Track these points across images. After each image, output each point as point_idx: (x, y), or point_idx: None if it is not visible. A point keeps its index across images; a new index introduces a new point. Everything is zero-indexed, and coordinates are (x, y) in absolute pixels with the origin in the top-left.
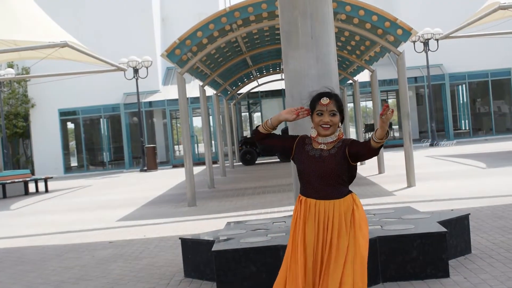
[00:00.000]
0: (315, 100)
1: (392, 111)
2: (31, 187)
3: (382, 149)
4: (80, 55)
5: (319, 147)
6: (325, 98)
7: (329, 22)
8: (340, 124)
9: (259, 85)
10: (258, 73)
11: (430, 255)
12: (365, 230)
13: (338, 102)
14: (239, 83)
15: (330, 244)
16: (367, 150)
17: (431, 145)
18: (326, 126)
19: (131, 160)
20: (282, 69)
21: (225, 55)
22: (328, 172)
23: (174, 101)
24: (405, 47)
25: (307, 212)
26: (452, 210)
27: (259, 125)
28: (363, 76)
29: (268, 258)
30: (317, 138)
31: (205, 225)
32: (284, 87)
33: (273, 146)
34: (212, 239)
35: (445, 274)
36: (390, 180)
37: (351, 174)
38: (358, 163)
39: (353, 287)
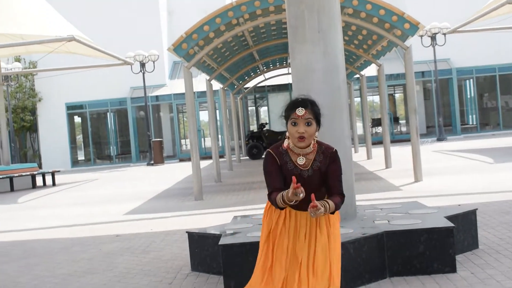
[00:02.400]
0: (290, 108)
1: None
2: (39, 180)
3: (389, 143)
4: (87, 49)
5: (297, 161)
6: (300, 108)
7: (336, 16)
8: (316, 133)
9: (266, 79)
10: (265, 67)
11: (437, 250)
12: (338, 226)
13: (314, 111)
14: (246, 77)
15: (313, 243)
16: (327, 186)
17: (438, 139)
18: (302, 137)
19: (138, 154)
20: (289, 63)
21: (232, 49)
22: (312, 189)
23: (181, 95)
24: (412, 41)
25: (287, 220)
26: (459, 205)
27: (276, 199)
28: (370, 71)
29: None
30: (293, 148)
31: (211, 219)
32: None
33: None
34: (218, 233)
35: (452, 269)
36: (397, 175)
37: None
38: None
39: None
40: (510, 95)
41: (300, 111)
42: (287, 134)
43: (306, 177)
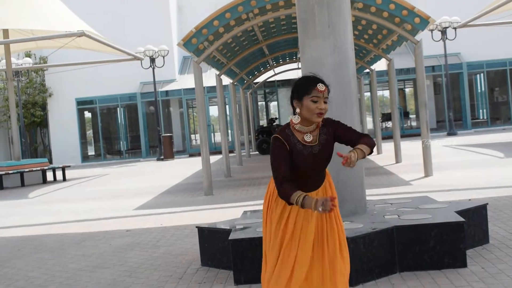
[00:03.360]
0: (310, 85)
1: (352, 162)
2: (49, 175)
3: (399, 138)
4: (97, 44)
5: (305, 138)
6: (321, 84)
7: (346, 10)
8: None
9: (275, 74)
10: (274, 62)
11: (447, 244)
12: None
13: (329, 91)
14: (256, 72)
15: (330, 230)
16: (350, 142)
17: (449, 134)
18: (321, 113)
19: (148, 149)
20: (299, 58)
21: (242, 44)
22: (323, 165)
23: (191, 90)
24: (423, 35)
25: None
26: (469, 199)
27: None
28: (380, 65)
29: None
30: (297, 126)
31: (221, 214)
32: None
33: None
34: (228, 227)
35: (463, 264)
36: (407, 169)
37: None
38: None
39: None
40: None
41: (321, 87)
42: (297, 110)
43: (316, 152)
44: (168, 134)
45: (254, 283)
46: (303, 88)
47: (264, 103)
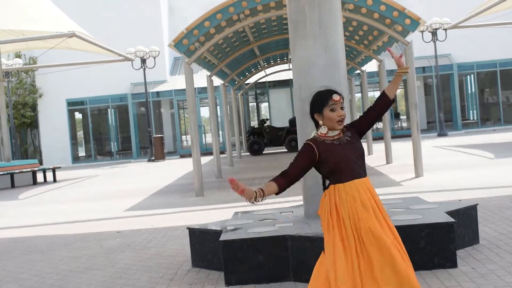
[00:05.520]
0: (327, 96)
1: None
2: (39, 177)
3: (390, 139)
4: (87, 45)
5: (334, 137)
6: (336, 94)
7: (337, 11)
8: None
9: (266, 75)
10: (265, 63)
11: (438, 245)
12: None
13: (343, 98)
14: (247, 73)
15: (385, 224)
16: (382, 107)
17: (439, 135)
18: (342, 119)
19: (139, 150)
20: (290, 59)
21: (233, 45)
22: (360, 153)
23: (182, 91)
24: (413, 37)
25: (344, 197)
26: (460, 200)
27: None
28: (371, 66)
29: (275, 248)
30: (329, 133)
31: (212, 215)
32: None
33: (302, 174)
34: (219, 229)
35: (453, 264)
36: (397, 170)
37: None
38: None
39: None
40: (511, 90)
41: (337, 96)
42: (320, 122)
43: (345, 142)
44: (159, 135)
45: (245, 284)
46: (320, 101)
47: (255, 104)
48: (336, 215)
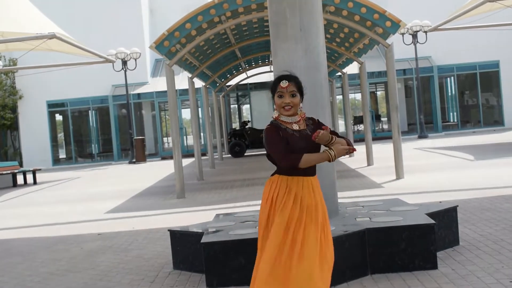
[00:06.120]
0: (276, 83)
1: (322, 133)
2: (19, 179)
3: (371, 141)
4: (68, 46)
5: (293, 127)
6: (284, 81)
7: (317, 14)
8: (300, 104)
9: (248, 77)
10: (247, 65)
11: (418, 247)
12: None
13: (297, 83)
14: (228, 75)
15: (321, 223)
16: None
17: (420, 137)
18: (288, 107)
19: (120, 152)
20: (271, 61)
21: (214, 47)
22: (314, 149)
23: (163, 93)
24: (394, 39)
25: (289, 189)
26: (440, 202)
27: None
28: (352, 68)
29: (257, 250)
30: (281, 117)
31: (194, 217)
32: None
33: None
34: (201, 231)
35: (433, 265)
36: (378, 172)
37: None
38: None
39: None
40: (491, 92)
41: (284, 83)
42: (275, 106)
43: (306, 135)
44: (140, 137)
45: (226, 287)
46: (273, 86)
47: (236, 106)
48: (273, 205)
